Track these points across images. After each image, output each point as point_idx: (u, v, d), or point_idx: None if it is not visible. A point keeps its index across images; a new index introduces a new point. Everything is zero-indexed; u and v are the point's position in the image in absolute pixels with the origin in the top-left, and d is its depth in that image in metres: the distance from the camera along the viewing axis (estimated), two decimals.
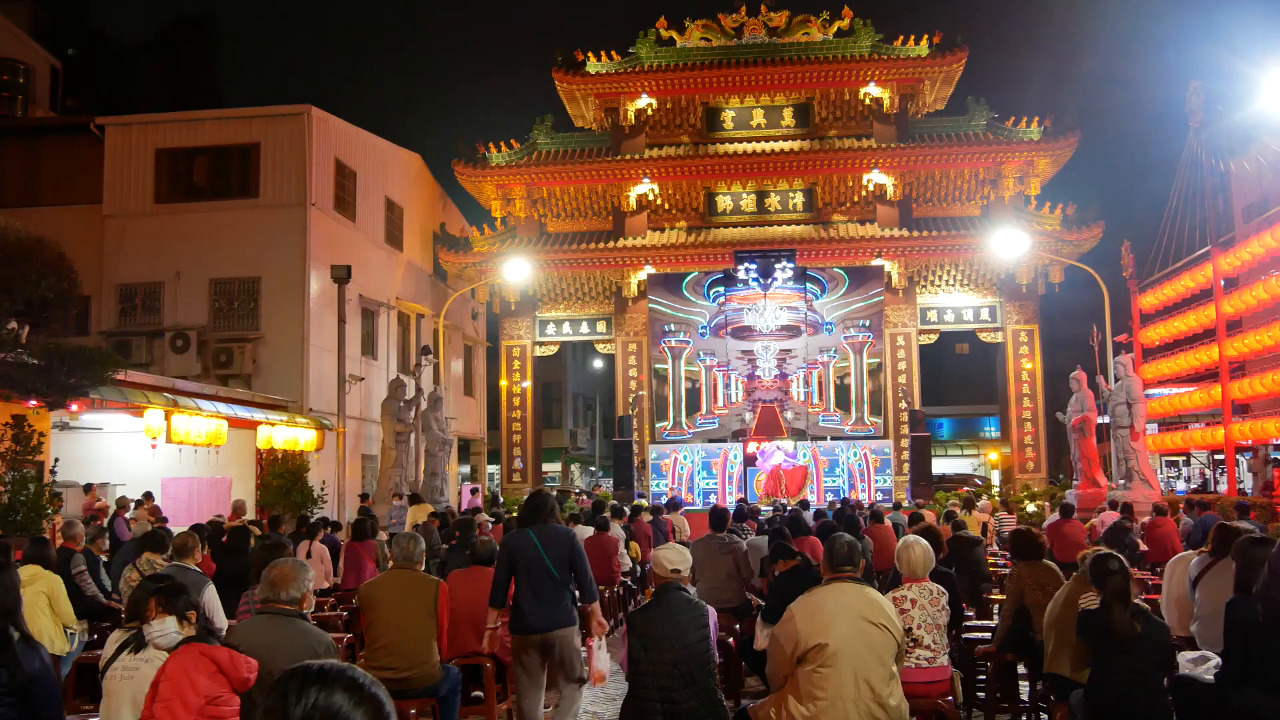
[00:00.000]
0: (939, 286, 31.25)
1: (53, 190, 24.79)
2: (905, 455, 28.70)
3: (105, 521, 16.12)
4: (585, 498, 25.84)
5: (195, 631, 4.70)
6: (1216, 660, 5.99)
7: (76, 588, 9.86)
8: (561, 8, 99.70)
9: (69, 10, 51.65)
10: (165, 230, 23.97)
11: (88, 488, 17.31)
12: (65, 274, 12.44)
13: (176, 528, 11.33)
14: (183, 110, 31.25)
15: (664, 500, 21.40)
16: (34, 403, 13.91)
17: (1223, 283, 22.14)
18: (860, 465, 27.47)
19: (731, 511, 13.16)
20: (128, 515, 16.14)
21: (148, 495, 17.32)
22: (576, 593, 7.23)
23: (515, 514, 14.54)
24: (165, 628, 4.76)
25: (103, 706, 5.43)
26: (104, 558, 11.09)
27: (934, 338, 31.85)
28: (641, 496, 25.61)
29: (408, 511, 18.37)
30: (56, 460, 15.83)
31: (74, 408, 14.65)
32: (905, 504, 22.60)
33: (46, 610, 8.25)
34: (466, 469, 37.50)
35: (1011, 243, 25.56)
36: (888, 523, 14.35)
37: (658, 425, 30.28)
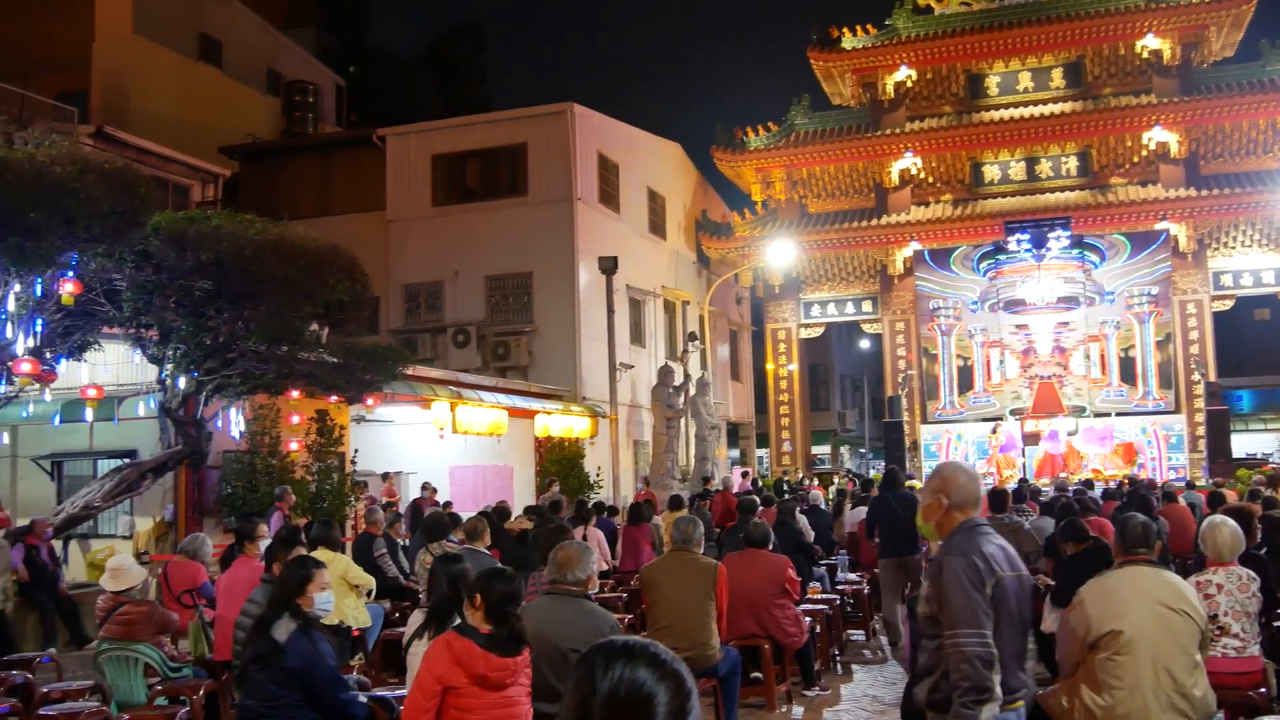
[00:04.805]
0: (1233, 248, 29.00)
1: (342, 199, 26.55)
2: (1200, 431, 26.87)
3: (400, 508, 17.22)
4: (852, 479, 25.49)
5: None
6: None
7: (379, 569, 10.55)
8: None
9: (349, 32, 55.37)
10: (443, 231, 25.24)
11: (385, 476, 18.44)
12: (358, 278, 13.23)
13: (465, 513, 11.93)
14: (454, 116, 32.89)
15: None
16: (335, 398, 14.94)
17: None
18: (1150, 442, 25.94)
19: (1011, 492, 12.72)
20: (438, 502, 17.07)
21: (426, 486, 18.22)
22: None
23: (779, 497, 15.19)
24: (415, 619, 5.67)
25: (408, 680, 5.87)
26: (402, 542, 11.81)
27: (1229, 303, 29.59)
28: (913, 478, 25.06)
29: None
30: (356, 451, 17.00)
31: (370, 402, 15.62)
32: (1200, 483, 21.16)
33: (344, 588, 8.74)
34: (736, 453, 37.75)
35: None
36: (1182, 502, 13.52)
37: (929, 405, 29.54)
